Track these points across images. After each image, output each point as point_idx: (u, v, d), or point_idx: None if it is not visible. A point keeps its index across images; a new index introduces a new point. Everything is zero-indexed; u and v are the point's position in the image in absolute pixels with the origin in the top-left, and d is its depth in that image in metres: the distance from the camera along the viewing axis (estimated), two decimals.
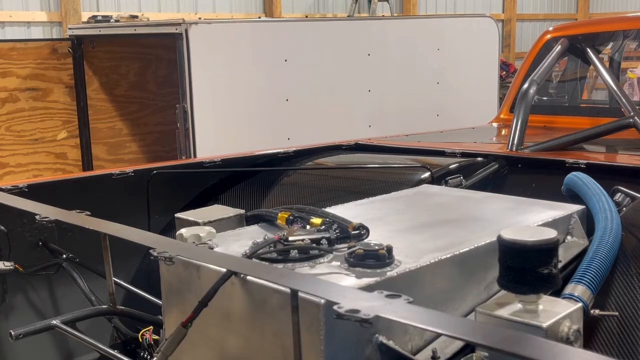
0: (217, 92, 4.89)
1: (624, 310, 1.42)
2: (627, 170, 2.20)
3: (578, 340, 1.19)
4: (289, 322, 1.11)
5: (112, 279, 1.69)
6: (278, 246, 1.31)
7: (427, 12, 11.22)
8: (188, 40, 4.66)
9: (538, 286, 1.17)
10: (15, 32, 7.47)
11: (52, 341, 1.96)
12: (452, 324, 0.94)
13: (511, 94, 3.61)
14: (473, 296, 1.38)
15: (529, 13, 12.81)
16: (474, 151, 2.55)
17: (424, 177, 2.19)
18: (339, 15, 10.05)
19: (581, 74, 3.85)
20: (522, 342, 0.85)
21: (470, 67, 6.31)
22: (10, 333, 1.54)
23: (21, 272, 1.90)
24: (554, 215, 1.62)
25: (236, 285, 1.24)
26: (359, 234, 1.38)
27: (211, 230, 1.46)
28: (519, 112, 2.84)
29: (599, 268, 1.42)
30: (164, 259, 1.29)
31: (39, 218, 1.63)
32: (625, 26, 3.53)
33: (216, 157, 2.41)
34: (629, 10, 11.51)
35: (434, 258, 1.30)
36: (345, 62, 5.63)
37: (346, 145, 2.88)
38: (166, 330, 1.45)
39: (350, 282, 1.20)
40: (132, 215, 2.14)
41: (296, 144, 2.90)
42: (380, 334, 1.16)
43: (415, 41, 6.09)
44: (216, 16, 8.86)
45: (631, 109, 2.76)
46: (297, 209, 1.56)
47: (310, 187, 2.35)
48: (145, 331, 1.74)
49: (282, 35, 5.40)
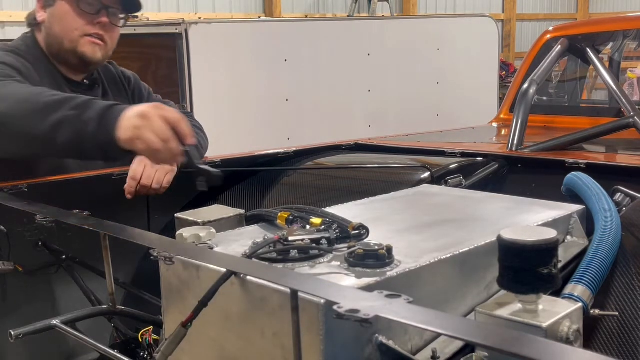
0: (217, 92, 4.90)
1: (624, 310, 1.42)
2: (627, 170, 2.20)
3: (578, 340, 1.19)
4: (289, 322, 1.11)
5: (112, 278, 1.69)
6: (278, 246, 1.31)
7: (427, 12, 11.23)
8: (188, 40, 4.66)
9: (538, 286, 1.17)
10: (15, 32, 7.46)
11: (52, 341, 1.95)
12: (452, 324, 0.94)
13: (511, 94, 3.61)
14: (473, 296, 1.38)
15: (529, 13, 12.82)
16: (474, 151, 2.55)
17: (424, 177, 2.19)
18: (339, 15, 10.06)
19: (581, 74, 3.85)
20: (522, 342, 0.85)
21: (470, 67, 6.31)
22: (10, 333, 1.54)
23: (21, 272, 1.90)
24: (554, 215, 1.62)
25: (236, 285, 1.24)
26: (359, 234, 1.38)
27: (211, 230, 1.46)
28: (518, 112, 2.84)
29: (599, 268, 1.42)
30: (164, 259, 1.29)
31: (39, 218, 1.63)
32: (625, 26, 3.53)
33: (216, 157, 2.41)
34: (629, 10, 11.52)
35: (434, 258, 1.31)
36: (345, 62, 5.63)
37: (346, 145, 2.88)
38: (166, 330, 1.45)
39: (350, 282, 1.20)
40: (132, 215, 2.14)
41: (296, 144, 2.90)
42: (380, 334, 1.16)
43: (415, 41, 6.09)
44: (216, 16, 8.87)
45: (631, 109, 2.76)
46: (297, 209, 1.56)
47: (310, 187, 2.35)
48: (145, 331, 1.74)
49: (282, 35, 5.40)
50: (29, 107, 1.75)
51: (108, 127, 1.65)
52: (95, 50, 2.24)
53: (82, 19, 2.19)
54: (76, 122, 1.68)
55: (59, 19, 2.20)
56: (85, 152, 1.74)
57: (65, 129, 1.69)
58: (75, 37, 2.20)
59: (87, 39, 2.21)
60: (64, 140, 1.70)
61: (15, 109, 1.76)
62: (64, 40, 2.20)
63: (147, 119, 1.61)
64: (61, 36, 2.21)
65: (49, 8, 2.23)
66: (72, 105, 1.71)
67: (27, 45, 2.24)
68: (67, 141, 1.70)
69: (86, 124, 1.67)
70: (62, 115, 1.70)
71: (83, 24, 2.20)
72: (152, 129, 1.60)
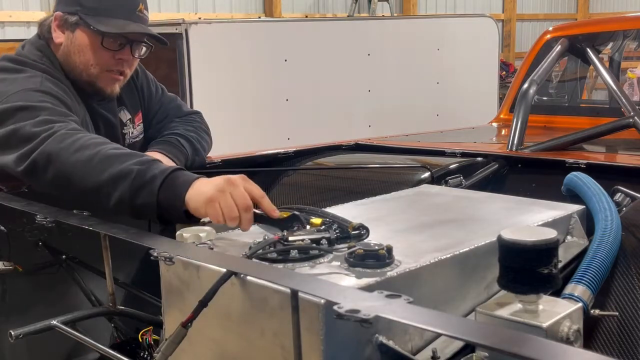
0: (217, 92, 4.90)
1: (624, 310, 1.42)
2: (627, 170, 2.20)
3: (578, 340, 1.19)
4: (289, 322, 1.11)
5: (112, 279, 1.69)
6: (278, 246, 1.31)
7: (427, 12, 11.22)
8: (188, 40, 4.66)
9: (538, 286, 1.17)
10: (15, 32, 7.47)
11: (52, 341, 1.95)
12: (452, 324, 0.94)
13: (511, 94, 3.61)
14: (473, 296, 1.38)
15: (529, 13, 12.80)
16: (474, 151, 2.55)
17: (424, 177, 2.19)
18: (339, 15, 10.05)
19: (581, 74, 3.85)
20: (522, 342, 0.85)
21: (470, 67, 6.31)
22: (10, 333, 1.54)
23: (21, 272, 1.90)
24: (554, 215, 1.62)
25: (236, 285, 1.24)
26: (359, 234, 1.38)
27: (211, 230, 1.46)
28: (518, 112, 2.84)
29: (599, 268, 1.42)
30: (164, 259, 1.29)
31: (39, 218, 1.63)
32: (625, 26, 3.53)
33: (216, 157, 2.41)
34: (629, 10, 11.51)
35: (434, 258, 1.31)
36: (345, 62, 5.63)
37: (346, 145, 2.88)
38: (166, 330, 1.45)
39: (350, 282, 1.20)
40: None
41: (296, 144, 2.90)
42: (380, 334, 1.16)
43: (415, 41, 6.09)
44: (216, 16, 8.86)
45: (631, 109, 2.75)
46: (297, 209, 1.55)
47: (310, 187, 2.35)
48: (145, 331, 1.74)
49: (282, 35, 5.40)
50: (95, 162, 1.64)
51: (176, 187, 1.54)
52: (115, 87, 2.10)
53: (104, 53, 2.03)
54: (141, 176, 1.58)
55: (78, 49, 2.04)
56: (143, 208, 1.59)
57: (126, 184, 1.59)
58: (94, 73, 2.05)
59: (107, 74, 2.06)
60: (122, 195, 1.59)
61: (81, 163, 1.65)
62: (82, 72, 2.05)
63: (233, 186, 1.49)
64: (80, 68, 2.05)
65: (67, 31, 2.05)
66: (138, 161, 1.62)
67: (50, 59, 2.06)
68: (124, 197, 1.59)
69: (152, 179, 1.57)
70: (128, 168, 1.60)
71: (104, 60, 2.04)
72: (235, 195, 1.48)
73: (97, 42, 2.02)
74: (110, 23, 2.01)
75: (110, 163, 1.63)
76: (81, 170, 1.65)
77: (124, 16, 2.04)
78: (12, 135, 1.77)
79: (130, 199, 1.58)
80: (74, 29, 2.04)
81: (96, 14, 2.02)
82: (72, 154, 1.68)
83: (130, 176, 1.59)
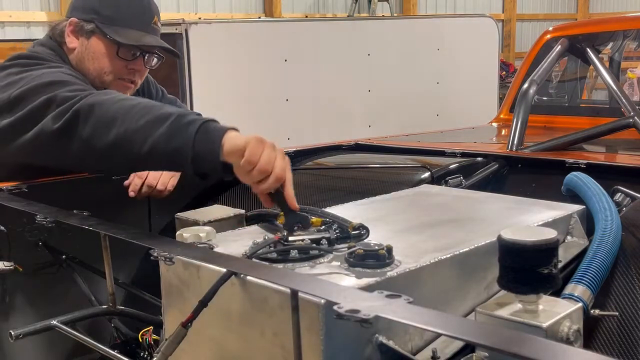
0: (217, 92, 4.90)
1: (624, 310, 1.42)
2: (627, 170, 2.20)
3: (578, 340, 1.19)
4: (289, 322, 1.11)
5: (112, 278, 1.69)
6: (278, 246, 1.31)
7: (427, 12, 11.22)
8: (188, 40, 4.66)
9: (538, 286, 1.17)
10: (15, 32, 7.48)
11: (52, 341, 1.95)
12: (452, 324, 0.94)
13: (511, 94, 3.61)
14: (473, 296, 1.38)
15: (529, 13, 12.81)
16: (474, 151, 2.55)
17: (424, 177, 2.19)
18: (339, 15, 10.05)
19: (581, 74, 3.85)
20: (522, 342, 0.85)
21: (470, 67, 6.31)
22: (10, 333, 1.54)
23: (21, 272, 1.90)
24: (554, 215, 1.62)
25: (236, 285, 1.24)
26: (359, 234, 1.38)
27: (211, 230, 1.46)
28: (518, 112, 2.84)
29: (599, 268, 1.42)
30: (164, 259, 1.29)
31: (39, 218, 1.63)
32: (625, 26, 3.53)
33: None
34: (629, 10, 11.51)
35: (434, 258, 1.31)
36: (345, 62, 5.63)
37: (346, 145, 2.88)
38: (166, 330, 1.45)
39: (350, 282, 1.20)
40: (132, 215, 2.14)
41: (296, 144, 2.90)
42: (380, 334, 1.16)
43: (415, 41, 6.09)
44: (216, 16, 8.87)
45: (631, 109, 2.76)
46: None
47: (310, 187, 2.35)
48: (145, 331, 1.74)
49: (282, 35, 5.40)
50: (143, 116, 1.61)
51: (214, 131, 1.53)
52: (126, 94, 2.04)
53: (118, 63, 2.06)
54: (179, 125, 1.55)
55: (92, 56, 2.05)
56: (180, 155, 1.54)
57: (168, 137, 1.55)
58: (107, 80, 2.07)
59: (119, 82, 2.08)
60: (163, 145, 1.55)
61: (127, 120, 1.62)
62: (95, 79, 2.06)
63: (274, 149, 1.49)
64: (93, 75, 2.06)
65: (82, 38, 2.06)
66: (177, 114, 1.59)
67: (63, 60, 2.06)
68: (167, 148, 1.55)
69: (189, 123, 1.54)
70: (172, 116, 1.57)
71: (118, 69, 2.07)
72: (265, 153, 1.46)
73: (113, 51, 2.05)
74: (126, 34, 2.03)
75: (149, 110, 1.60)
76: (122, 116, 1.61)
77: (139, 27, 2.06)
78: (43, 105, 1.71)
79: (166, 142, 1.54)
80: (89, 36, 2.05)
81: (113, 23, 2.04)
82: (114, 104, 1.65)
83: (169, 119, 1.56)
